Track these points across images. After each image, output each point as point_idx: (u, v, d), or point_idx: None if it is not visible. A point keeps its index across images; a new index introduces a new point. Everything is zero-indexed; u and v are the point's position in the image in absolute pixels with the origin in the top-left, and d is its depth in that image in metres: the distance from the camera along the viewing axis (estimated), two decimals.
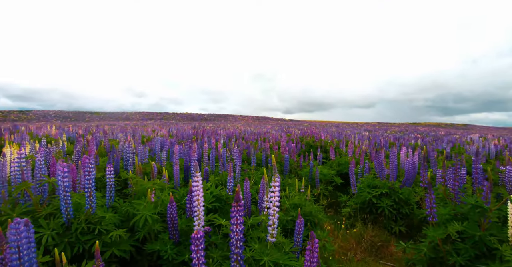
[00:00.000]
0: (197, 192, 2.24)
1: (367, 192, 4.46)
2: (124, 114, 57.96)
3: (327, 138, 9.61)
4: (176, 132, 11.67)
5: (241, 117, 63.64)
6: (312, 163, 5.84)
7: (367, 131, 21.99)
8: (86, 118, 48.73)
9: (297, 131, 15.38)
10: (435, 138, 14.39)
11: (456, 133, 22.45)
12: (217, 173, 5.06)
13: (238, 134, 12.01)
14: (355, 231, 4.38)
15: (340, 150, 8.89)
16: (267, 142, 7.34)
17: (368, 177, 4.76)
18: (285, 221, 3.55)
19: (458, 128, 52.70)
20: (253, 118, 63.65)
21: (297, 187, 4.30)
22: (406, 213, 4.47)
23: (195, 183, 2.26)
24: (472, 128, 55.10)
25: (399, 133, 20.57)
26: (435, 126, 52.01)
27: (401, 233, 4.44)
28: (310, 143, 9.04)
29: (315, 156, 7.97)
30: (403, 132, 22.47)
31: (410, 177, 4.51)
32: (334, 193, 5.93)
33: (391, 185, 4.48)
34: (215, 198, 3.40)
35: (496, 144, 10.45)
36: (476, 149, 9.01)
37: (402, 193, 4.39)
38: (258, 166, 6.48)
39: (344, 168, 6.48)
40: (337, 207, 5.44)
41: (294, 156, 7.02)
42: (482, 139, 14.14)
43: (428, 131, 26.90)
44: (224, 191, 3.53)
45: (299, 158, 7.32)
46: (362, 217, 4.62)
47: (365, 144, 9.42)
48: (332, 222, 4.73)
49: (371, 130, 23.31)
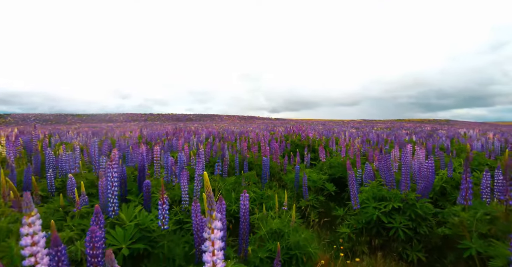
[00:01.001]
0: None
1: (372, 207, 3.19)
2: (107, 116, 55.63)
3: (315, 136, 8.37)
4: (146, 133, 10.23)
5: (227, 117, 62.01)
6: (299, 167, 4.55)
7: (354, 128, 20.93)
8: (67, 121, 46.40)
9: (282, 129, 14.15)
10: (427, 133, 13.34)
11: (442, 129, 21.59)
12: (171, 185, 3.73)
13: (217, 133, 10.66)
14: (358, 260, 3.12)
15: (330, 148, 7.65)
16: (245, 142, 6.03)
17: (372, 185, 3.49)
18: (258, 261, 2.27)
19: (441, 123, 52.50)
20: (239, 117, 62.08)
21: (276, 204, 3.02)
22: (425, 233, 3.23)
23: None
24: (455, 123, 55.02)
25: (386, 130, 19.57)
26: (419, 122, 51.65)
27: (420, 261, 3.21)
28: (296, 142, 7.79)
29: (302, 156, 6.71)
30: (390, 128, 21.50)
31: (429, 184, 3.27)
32: (327, 203, 4.66)
33: (404, 196, 3.23)
34: (141, 234, 2.07)
35: (499, 139, 9.40)
36: (481, 144, 7.91)
37: (420, 207, 3.15)
38: (237, 171, 5.17)
39: (337, 171, 5.23)
40: (331, 223, 4.18)
41: (277, 157, 5.74)
42: (478, 135, 13.17)
43: (414, 127, 26.07)
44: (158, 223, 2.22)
45: (283, 159, 6.04)
46: (366, 240, 3.35)
47: (358, 141, 8.22)
48: (326, 247, 3.46)
49: (358, 127, 22.27)
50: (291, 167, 5.22)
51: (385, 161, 3.43)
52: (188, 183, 3.13)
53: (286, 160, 5.90)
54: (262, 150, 5.73)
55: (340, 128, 20.16)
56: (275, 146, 5.69)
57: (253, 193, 3.87)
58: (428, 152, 6.94)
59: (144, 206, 3.24)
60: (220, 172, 3.53)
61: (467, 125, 45.90)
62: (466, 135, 12.18)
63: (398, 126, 25.49)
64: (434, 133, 18.41)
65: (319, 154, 5.85)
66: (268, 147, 5.65)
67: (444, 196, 4.49)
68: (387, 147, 7.55)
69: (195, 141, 7.63)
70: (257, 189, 3.98)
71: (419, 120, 68.22)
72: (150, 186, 3.15)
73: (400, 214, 3.18)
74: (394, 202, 3.16)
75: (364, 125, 27.95)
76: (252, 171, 4.64)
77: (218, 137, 10.03)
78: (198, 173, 3.43)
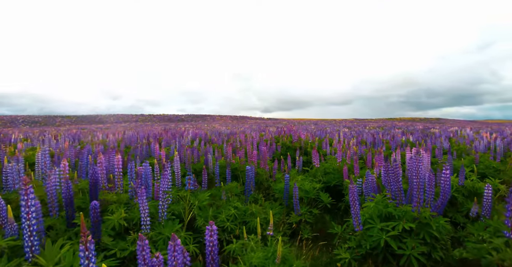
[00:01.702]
0: None
1: (378, 229, 2.57)
2: (98, 117, 54.34)
3: (308, 137, 7.74)
4: (128, 136, 9.49)
5: (219, 117, 61.13)
6: (288, 176, 3.89)
7: (347, 128, 20.40)
8: (56, 123, 45.14)
9: (273, 129, 13.50)
10: (422, 132, 12.81)
11: (434, 127, 21.20)
12: (133, 202, 3.05)
13: (204, 135, 9.98)
14: None
15: (324, 151, 7.03)
16: (230, 146, 5.36)
17: (377, 200, 2.85)
18: None
19: (432, 122, 52.44)
20: (231, 117, 61.24)
21: (259, 229, 2.38)
22: (441, 258, 2.62)
23: None
24: (445, 121, 55.02)
25: (379, 129, 19.07)
26: (411, 121, 51.52)
27: None
28: (287, 144, 7.15)
29: (293, 160, 6.07)
30: (383, 127, 21.01)
31: (446, 199, 2.66)
32: (322, 217, 4.03)
33: (417, 214, 2.61)
34: None
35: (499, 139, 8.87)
36: (484, 145, 7.37)
37: (437, 228, 2.53)
38: (217, 181, 4.52)
39: (332, 178, 4.59)
40: (328, 242, 3.55)
41: (265, 163, 5.10)
42: (474, 133, 12.70)
43: (406, 125, 25.69)
44: None
45: (272, 164, 5.41)
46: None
47: (353, 143, 7.62)
48: None
49: (350, 127, 21.75)
50: (281, 176, 4.58)
51: (393, 170, 2.80)
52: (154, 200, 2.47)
53: (276, 165, 5.26)
54: (249, 155, 5.08)
55: (333, 128, 19.60)
56: (263, 150, 5.04)
57: (234, 209, 3.22)
58: (435, 155, 6.38)
59: (92, 235, 2.57)
60: (192, 186, 2.87)
61: (457, 123, 45.84)
62: (463, 134, 11.67)
63: (390, 125, 25.06)
64: (427, 131, 17.98)
65: (312, 158, 5.20)
66: (255, 152, 4.99)
67: (454, 206, 3.89)
68: (384, 149, 6.97)
69: (177, 144, 6.95)
70: (240, 204, 3.33)
71: (410, 118, 68.29)
72: (98, 209, 2.48)
73: (412, 237, 2.56)
74: (405, 222, 2.54)
75: (357, 124, 27.49)
76: (233, 182, 3.98)
77: (205, 139, 9.36)
78: (163, 188, 2.77)
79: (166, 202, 2.82)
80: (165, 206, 2.81)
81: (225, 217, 3.12)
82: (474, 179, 3.86)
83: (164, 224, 2.77)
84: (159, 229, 2.69)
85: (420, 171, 2.56)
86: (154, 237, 2.63)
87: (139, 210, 2.57)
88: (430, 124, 37.43)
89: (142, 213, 2.58)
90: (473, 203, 3.45)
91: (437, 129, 19.20)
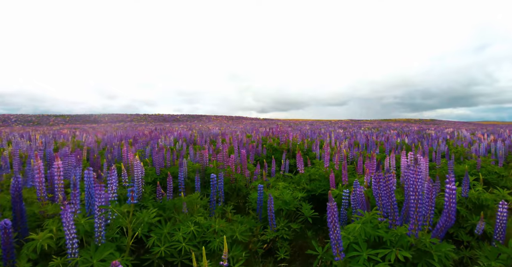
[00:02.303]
0: None
1: (364, 259, 1.99)
2: (92, 117, 53.44)
3: (296, 139, 7.16)
4: (107, 137, 8.86)
5: (215, 118, 60.40)
6: (262, 186, 3.31)
7: (341, 129, 19.88)
8: (50, 122, 44.26)
9: (263, 129, 12.94)
10: (417, 133, 12.28)
11: (430, 128, 20.70)
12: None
13: (189, 136, 9.38)
14: None
15: (313, 153, 6.47)
16: (206, 150, 4.77)
17: (365, 219, 2.28)
18: None
19: (427, 123, 52.10)
20: (227, 118, 60.52)
21: (226, 247, 1.80)
22: None
23: None
24: (440, 123, 54.76)
25: (374, 130, 18.56)
26: (406, 122, 51.15)
27: None
28: (274, 146, 6.57)
29: (279, 164, 5.50)
30: (378, 128, 20.48)
31: (452, 220, 2.09)
32: (303, 233, 3.45)
33: (414, 240, 2.05)
34: None
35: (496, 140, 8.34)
36: (484, 147, 6.82)
37: (439, 259, 1.97)
38: (182, 190, 3.94)
39: (318, 186, 4.01)
40: (310, 262, 2.97)
41: (245, 168, 4.51)
42: (471, 135, 12.18)
43: (401, 127, 25.21)
44: None
45: (254, 168, 4.84)
46: None
47: (344, 145, 7.05)
48: None
49: (345, 127, 21.22)
50: (258, 182, 3.98)
51: (385, 183, 2.22)
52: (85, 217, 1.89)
53: (257, 169, 4.69)
54: (225, 159, 4.50)
55: (327, 129, 19.06)
56: (242, 153, 4.46)
57: (194, 225, 2.64)
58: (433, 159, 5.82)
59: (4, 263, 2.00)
60: (134, 200, 2.28)
61: (452, 124, 45.52)
62: (460, 136, 11.15)
63: (385, 126, 24.55)
64: (423, 133, 17.49)
65: (297, 163, 4.62)
66: (233, 155, 4.41)
67: (456, 221, 3.34)
68: (378, 152, 6.41)
69: (152, 146, 6.34)
70: (202, 219, 2.75)
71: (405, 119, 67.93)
72: (10, 229, 1.90)
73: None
74: (399, 251, 1.97)
75: (352, 125, 26.98)
76: (196, 193, 3.38)
77: (189, 141, 8.76)
78: (99, 202, 2.18)
79: (103, 220, 2.24)
80: (102, 225, 2.23)
81: (181, 236, 2.54)
82: (480, 189, 3.30)
83: (100, 247, 2.19)
84: (89, 253, 2.11)
85: (418, 185, 1.99)
86: (80, 265, 2.06)
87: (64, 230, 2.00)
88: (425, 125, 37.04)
89: (67, 235, 2.02)
90: (478, 218, 2.90)
91: (432, 130, 18.70)
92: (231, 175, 4.26)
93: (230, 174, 4.27)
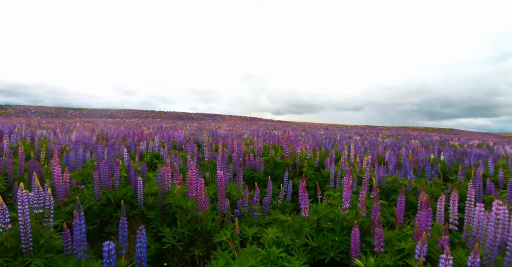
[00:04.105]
0: None
1: None
2: (109, 111, 52.86)
3: (305, 151, 5.49)
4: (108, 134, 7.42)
5: (229, 117, 58.79)
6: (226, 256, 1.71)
7: (358, 135, 18.00)
8: (68, 115, 43.88)
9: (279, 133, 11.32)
10: (452, 148, 10.32)
11: (453, 139, 18.47)
12: None
13: (182, 139, 7.84)
14: None
15: (326, 172, 4.83)
16: (169, 167, 3.21)
17: None
18: None
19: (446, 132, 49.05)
20: (241, 118, 58.80)
21: None
22: None
23: None
24: (459, 133, 51.49)
25: (392, 138, 16.60)
26: (424, 131, 48.30)
27: None
28: (276, 160, 4.95)
29: (278, 188, 3.91)
30: (396, 136, 18.44)
31: None
32: None
33: None
34: None
35: None
36: None
37: None
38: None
39: (331, 244, 2.33)
40: None
41: (221, 196, 2.93)
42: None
43: (421, 135, 23.02)
44: None
45: (238, 195, 3.28)
46: None
47: (367, 161, 5.35)
48: None
49: (362, 134, 19.28)
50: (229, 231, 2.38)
51: None
52: None
53: (243, 199, 3.11)
54: (187, 182, 2.91)
55: (343, 134, 17.22)
56: (219, 176, 2.87)
57: None
58: (477, 188, 4.02)
59: None
60: None
61: (472, 135, 42.50)
62: (506, 153, 9.11)
63: (404, 134, 22.39)
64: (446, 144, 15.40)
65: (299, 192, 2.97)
66: (202, 180, 2.82)
67: None
68: (411, 174, 4.65)
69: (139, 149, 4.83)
70: None
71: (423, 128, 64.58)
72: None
73: None
74: None
75: (369, 132, 24.94)
76: None
77: (182, 144, 7.25)
78: None
79: None
80: None
81: None
82: None
83: None
84: None
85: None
86: None
87: None
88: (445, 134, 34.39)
89: None
90: None
91: (456, 141, 16.58)
92: (196, 210, 2.69)
93: (194, 209, 2.69)
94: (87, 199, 3.05)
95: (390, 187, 3.95)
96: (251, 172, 4.69)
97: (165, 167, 3.07)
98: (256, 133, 13.09)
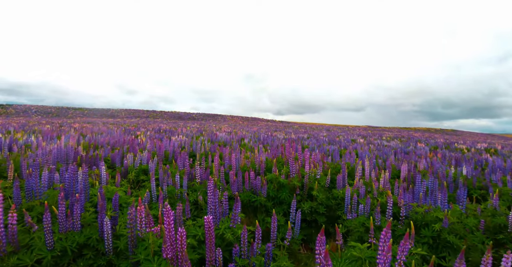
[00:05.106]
0: None
1: None
2: (110, 111, 52.06)
3: (315, 170, 4.70)
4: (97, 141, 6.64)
5: (230, 117, 57.81)
6: None
7: (362, 137, 17.21)
8: (69, 114, 43.13)
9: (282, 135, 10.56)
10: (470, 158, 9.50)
11: (458, 142, 17.63)
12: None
13: (176, 147, 7.07)
14: None
15: (338, 193, 4.06)
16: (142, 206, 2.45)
17: None
18: None
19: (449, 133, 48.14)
20: (242, 118, 57.84)
21: None
22: None
23: None
24: (462, 134, 50.55)
25: (396, 141, 15.79)
26: (427, 132, 47.40)
27: None
28: (282, 181, 4.18)
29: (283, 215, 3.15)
30: (400, 139, 17.61)
31: None
32: None
33: None
34: None
35: None
36: None
37: None
38: None
39: None
40: None
41: (210, 248, 2.19)
42: None
43: (424, 137, 22.19)
44: None
45: (233, 237, 2.53)
46: None
47: (384, 180, 4.57)
48: None
49: (365, 136, 18.48)
50: None
51: None
52: None
53: (240, 246, 2.36)
54: (166, 246, 2.15)
55: (347, 137, 16.42)
56: (207, 223, 2.12)
57: None
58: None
59: None
60: None
61: (474, 136, 41.63)
62: None
63: (407, 136, 21.57)
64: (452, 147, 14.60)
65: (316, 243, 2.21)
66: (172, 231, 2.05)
67: None
68: (446, 203, 3.83)
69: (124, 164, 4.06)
70: None
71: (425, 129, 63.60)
72: None
73: None
74: None
75: (371, 133, 24.12)
76: None
77: (174, 153, 6.48)
78: None
79: None
80: None
81: None
82: None
83: None
84: None
85: None
86: None
87: None
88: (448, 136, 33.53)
89: None
90: None
91: (462, 144, 15.75)
92: None
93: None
94: (38, 247, 2.29)
95: (420, 219, 3.19)
96: (251, 195, 3.93)
97: (138, 207, 2.30)
98: (258, 137, 12.31)
